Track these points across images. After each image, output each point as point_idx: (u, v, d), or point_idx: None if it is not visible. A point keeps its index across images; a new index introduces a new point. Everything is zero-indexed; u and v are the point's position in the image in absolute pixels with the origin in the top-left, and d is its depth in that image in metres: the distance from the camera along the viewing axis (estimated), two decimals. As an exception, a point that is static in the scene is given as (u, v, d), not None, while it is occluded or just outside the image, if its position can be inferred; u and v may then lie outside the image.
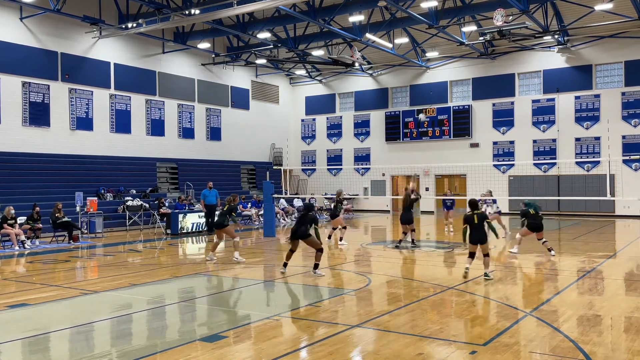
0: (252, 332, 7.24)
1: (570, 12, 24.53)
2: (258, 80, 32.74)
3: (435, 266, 12.69)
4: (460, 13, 23.05)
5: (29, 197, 19.86)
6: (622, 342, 6.70)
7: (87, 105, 23.77)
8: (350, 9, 22.92)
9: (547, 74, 27.96)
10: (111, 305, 9.08)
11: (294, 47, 26.80)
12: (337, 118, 34.07)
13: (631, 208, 25.27)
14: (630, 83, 26.17)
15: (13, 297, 9.67)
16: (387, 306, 8.65)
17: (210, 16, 20.89)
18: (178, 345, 6.64)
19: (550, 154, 27.74)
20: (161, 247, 17.36)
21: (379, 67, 32.34)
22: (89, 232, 19.57)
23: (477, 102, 29.80)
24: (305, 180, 34.46)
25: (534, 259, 13.28)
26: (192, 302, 9.24)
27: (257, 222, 24.16)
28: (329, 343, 6.63)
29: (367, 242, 17.65)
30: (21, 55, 21.53)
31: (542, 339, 6.77)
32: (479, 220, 10.48)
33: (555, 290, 9.83)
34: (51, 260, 14.13)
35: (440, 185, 30.90)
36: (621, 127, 26.05)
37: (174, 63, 27.76)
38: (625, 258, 13.75)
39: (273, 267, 12.80)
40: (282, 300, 9.70)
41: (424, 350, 6.40)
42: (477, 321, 7.76)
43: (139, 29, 22.19)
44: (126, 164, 24.96)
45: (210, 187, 20.76)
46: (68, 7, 21.19)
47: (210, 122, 29.62)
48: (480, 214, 10.62)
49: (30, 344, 6.91)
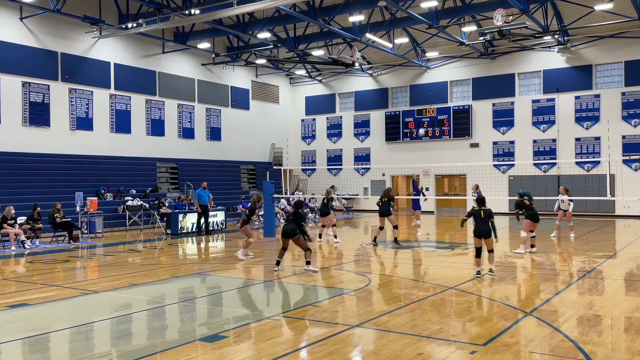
0: (252, 332, 7.24)
1: (570, 12, 24.53)
2: (258, 80, 32.74)
3: (435, 266, 12.69)
4: (460, 13, 23.05)
5: (29, 197, 19.86)
6: (622, 342, 6.70)
7: (87, 105, 23.77)
8: (350, 9, 22.92)
9: (547, 74, 27.96)
10: (111, 305, 9.08)
11: (294, 47, 26.80)
12: (337, 118, 34.07)
13: (631, 208, 25.26)
14: (630, 83, 26.17)
15: (13, 297, 9.67)
16: (387, 306, 8.64)
17: (210, 16, 20.89)
18: (178, 345, 6.64)
19: (550, 154, 27.74)
20: (161, 247, 17.36)
21: (379, 67, 32.34)
22: (89, 232, 19.57)
23: (477, 102, 29.80)
24: (305, 180, 34.45)
25: (534, 259, 13.28)
26: (192, 302, 9.24)
27: (257, 222, 24.15)
28: (329, 343, 6.63)
29: (367, 242, 17.64)
30: (21, 55, 21.53)
31: (542, 339, 6.77)
32: (485, 215, 10.74)
33: (555, 290, 9.82)
34: (51, 260, 14.13)
35: (440, 185, 30.92)
36: (621, 127, 26.05)
37: (174, 63, 27.76)
38: (625, 258, 13.75)
39: (273, 267, 12.80)
40: (282, 300, 9.70)
41: (424, 350, 6.40)
42: (477, 321, 7.75)
43: (139, 29, 22.19)
44: (126, 164, 24.95)
45: (205, 187, 20.77)
46: (68, 7, 21.19)
47: (210, 122, 29.62)
48: (488, 210, 10.84)
49: (30, 344, 6.91)
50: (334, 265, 12.82)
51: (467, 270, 11.62)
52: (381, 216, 16.07)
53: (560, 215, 17.80)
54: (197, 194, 20.53)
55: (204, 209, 20.35)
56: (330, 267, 12.50)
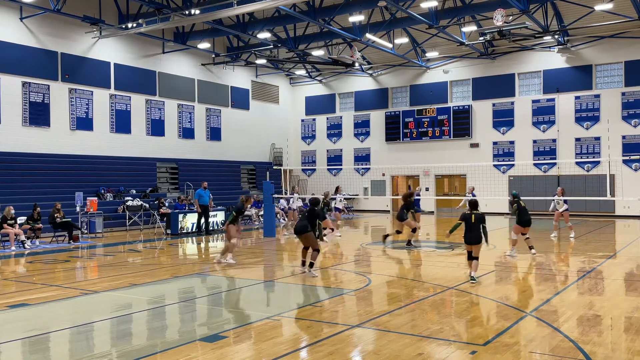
0: (252, 332, 7.24)
1: (570, 12, 24.53)
2: (258, 80, 32.74)
3: (435, 266, 12.68)
4: (460, 13, 23.05)
5: (29, 197, 19.85)
6: (622, 342, 6.70)
7: (87, 105, 23.77)
8: (350, 9, 22.92)
9: (547, 74, 27.96)
10: (111, 305, 9.08)
11: (294, 47, 26.80)
12: (337, 118, 34.07)
13: (631, 208, 25.25)
14: (630, 83, 26.17)
15: (13, 297, 9.67)
16: (387, 306, 8.64)
17: (210, 16, 20.89)
18: (178, 345, 6.64)
19: (550, 154, 27.74)
20: (161, 247, 17.36)
21: (379, 67, 32.34)
22: (89, 232, 19.57)
23: (477, 102, 29.80)
24: (305, 180, 34.45)
25: (534, 259, 13.27)
26: (192, 302, 9.24)
27: (257, 222, 24.16)
28: (329, 343, 6.63)
29: (367, 242, 17.65)
30: (21, 55, 21.53)
31: (542, 339, 6.77)
32: (476, 220, 10.37)
33: (555, 290, 9.82)
34: (51, 260, 14.13)
35: (440, 185, 30.92)
36: (621, 127, 26.05)
37: (174, 63, 27.76)
38: (625, 258, 13.75)
39: (273, 267, 12.81)
40: (282, 300, 9.70)
41: (424, 350, 6.40)
42: (477, 321, 7.76)
43: (139, 29, 22.19)
44: (126, 164, 24.95)
45: (205, 187, 20.77)
46: (68, 7, 21.19)
47: (210, 122, 29.62)
48: (479, 215, 10.50)
49: (30, 344, 6.91)
50: (334, 265, 12.82)
51: (467, 270, 11.59)
52: (399, 221, 16.08)
53: (557, 216, 17.86)
54: (197, 194, 20.53)
55: (204, 209, 20.34)
56: (330, 267, 12.49)
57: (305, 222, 11.24)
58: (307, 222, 11.23)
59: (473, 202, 10.79)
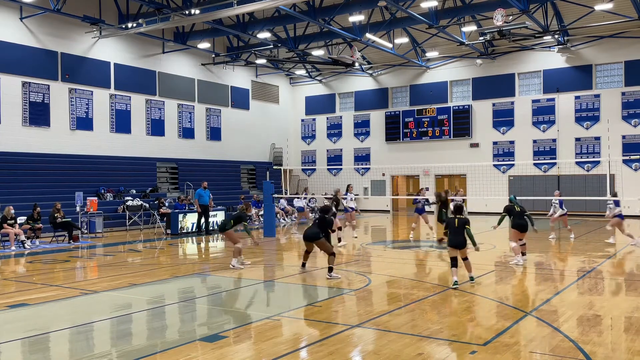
0: (252, 332, 7.24)
1: (570, 12, 24.52)
2: (258, 80, 32.74)
3: (435, 266, 12.68)
4: (460, 13, 23.05)
5: (29, 197, 19.85)
6: (622, 342, 6.70)
7: (87, 105, 23.77)
8: (350, 9, 22.92)
9: (547, 74, 27.96)
10: (111, 305, 9.07)
11: (294, 47, 26.80)
12: (337, 118, 34.07)
13: (631, 208, 25.23)
14: (630, 83, 26.17)
15: (13, 297, 9.67)
16: (387, 306, 8.64)
17: (210, 16, 20.89)
18: (178, 345, 6.64)
19: (550, 154, 27.73)
20: (161, 247, 17.36)
21: (379, 67, 32.33)
22: (89, 232, 19.57)
23: (477, 102, 29.80)
24: (305, 180, 34.45)
25: (534, 259, 13.27)
26: (192, 302, 9.24)
27: (257, 222, 24.16)
28: (329, 343, 6.63)
29: (367, 242, 17.64)
30: (21, 55, 21.53)
31: (542, 339, 6.77)
32: (460, 225, 10.22)
33: (555, 290, 9.82)
34: (51, 260, 14.13)
35: (440, 185, 30.89)
36: (621, 127, 26.04)
37: (174, 63, 27.75)
38: (625, 258, 13.74)
39: (273, 267, 12.80)
40: (282, 300, 9.69)
41: (424, 350, 6.40)
42: (477, 321, 7.76)
43: (139, 29, 22.19)
44: (126, 164, 24.95)
45: (205, 187, 20.77)
46: (68, 7, 21.19)
47: (210, 122, 29.62)
48: (462, 219, 10.36)
49: (30, 344, 6.91)
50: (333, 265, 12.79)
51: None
52: (440, 222, 15.92)
53: (553, 219, 17.70)
54: (197, 194, 20.53)
55: (204, 209, 20.35)
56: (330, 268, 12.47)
57: (317, 230, 11.23)
58: (319, 230, 11.22)
59: (458, 207, 10.68)
